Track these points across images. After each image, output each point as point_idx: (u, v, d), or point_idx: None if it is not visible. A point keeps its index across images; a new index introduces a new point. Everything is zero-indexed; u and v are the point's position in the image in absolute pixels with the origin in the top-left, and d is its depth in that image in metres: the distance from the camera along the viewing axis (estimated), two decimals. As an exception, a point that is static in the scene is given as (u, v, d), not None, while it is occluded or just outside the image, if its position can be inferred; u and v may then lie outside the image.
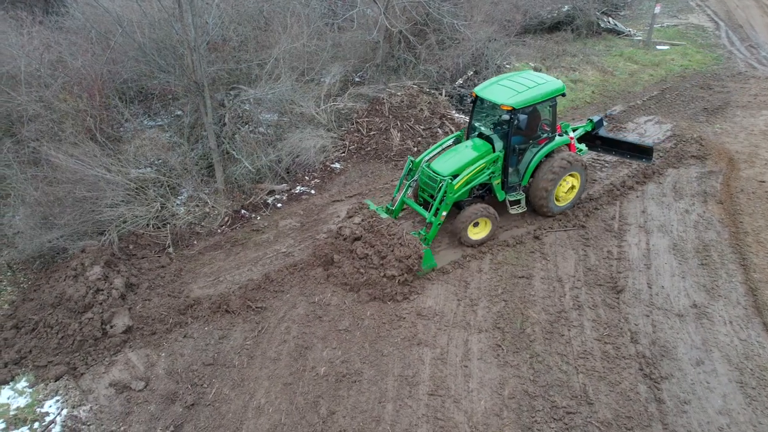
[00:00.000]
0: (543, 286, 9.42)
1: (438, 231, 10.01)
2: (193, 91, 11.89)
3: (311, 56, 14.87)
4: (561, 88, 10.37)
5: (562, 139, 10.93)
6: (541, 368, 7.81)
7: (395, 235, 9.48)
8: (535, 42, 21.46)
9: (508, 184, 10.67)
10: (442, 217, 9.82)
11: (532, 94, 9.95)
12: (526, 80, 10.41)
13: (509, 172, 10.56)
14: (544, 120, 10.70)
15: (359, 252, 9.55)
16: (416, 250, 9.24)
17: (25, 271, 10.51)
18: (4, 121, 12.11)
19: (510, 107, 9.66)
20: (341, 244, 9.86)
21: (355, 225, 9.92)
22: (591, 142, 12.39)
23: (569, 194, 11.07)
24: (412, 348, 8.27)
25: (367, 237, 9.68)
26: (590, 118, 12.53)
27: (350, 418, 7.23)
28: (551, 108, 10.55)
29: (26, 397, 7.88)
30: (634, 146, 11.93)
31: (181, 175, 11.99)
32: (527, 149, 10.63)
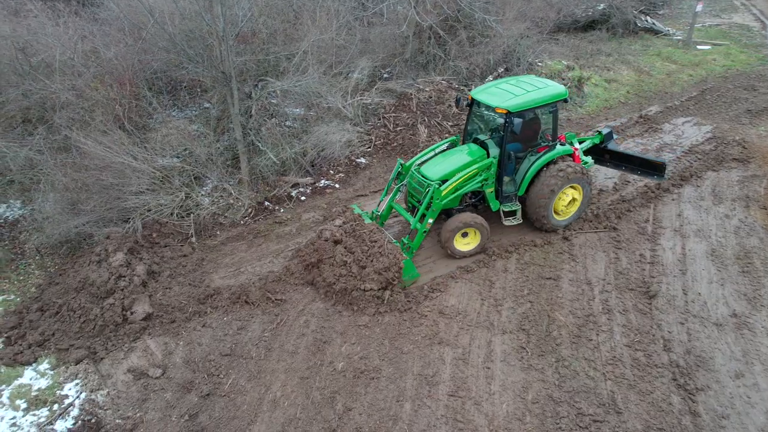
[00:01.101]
0: (571, 289, 9.06)
1: (424, 239, 9.46)
2: (220, 82, 11.91)
3: (339, 50, 14.74)
4: (562, 94, 9.73)
5: (564, 148, 10.15)
6: (567, 373, 7.48)
7: (376, 242, 8.94)
8: (568, 41, 20.96)
9: (503, 194, 10.02)
10: (428, 224, 9.23)
11: (529, 98, 9.37)
12: (526, 84, 9.85)
13: (504, 180, 9.92)
14: (544, 127, 10.04)
15: (338, 259, 9.03)
16: (396, 261, 8.70)
17: (53, 255, 10.68)
18: (38, 109, 12.32)
19: (504, 110, 9.10)
20: (323, 246, 9.35)
21: (335, 227, 9.46)
22: (599, 155, 11.70)
23: (570, 208, 10.39)
24: (432, 347, 8.03)
25: (348, 242, 9.16)
26: (599, 129, 11.84)
27: (367, 416, 7.04)
28: (552, 114, 9.86)
29: (47, 378, 7.94)
30: (646, 162, 11.04)
31: (207, 166, 12.01)
32: (525, 157, 9.99)
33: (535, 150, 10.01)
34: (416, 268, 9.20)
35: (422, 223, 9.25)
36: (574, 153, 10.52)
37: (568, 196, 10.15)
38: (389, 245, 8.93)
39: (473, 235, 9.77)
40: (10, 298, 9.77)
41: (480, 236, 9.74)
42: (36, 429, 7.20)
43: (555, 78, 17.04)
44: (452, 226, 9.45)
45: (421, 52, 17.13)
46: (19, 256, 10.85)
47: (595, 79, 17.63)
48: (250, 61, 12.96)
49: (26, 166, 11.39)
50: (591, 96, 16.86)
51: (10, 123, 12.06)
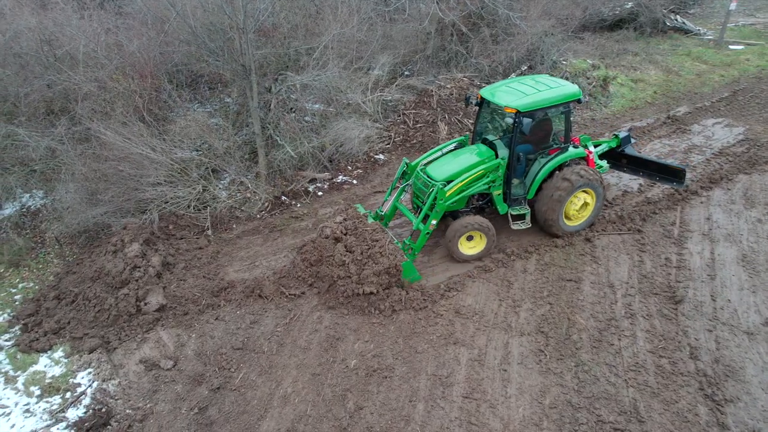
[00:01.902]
0: (592, 291, 8.76)
1: (427, 241, 9.19)
2: (240, 75, 11.88)
3: (360, 45, 14.61)
4: (575, 94, 9.26)
5: (577, 151, 9.74)
6: (587, 378, 7.20)
7: (378, 242, 8.69)
8: (593, 39, 20.47)
9: (512, 197, 9.65)
10: (431, 225, 8.94)
11: (540, 97, 8.98)
12: (538, 83, 9.45)
13: (513, 183, 9.56)
14: (556, 128, 9.65)
15: (337, 258, 8.71)
16: (395, 263, 8.45)
17: (71, 245, 10.77)
18: (61, 100, 12.46)
19: (514, 110, 8.75)
20: (322, 243, 9.09)
21: (336, 224, 9.18)
22: (616, 160, 11.28)
23: (582, 213, 9.94)
24: (448, 347, 7.83)
25: (349, 240, 8.90)
26: (616, 133, 11.36)
27: (378, 415, 6.88)
28: (564, 115, 9.43)
29: (61, 366, 7.97)
30: (664, 167, 10.52)
31: (224, 159, 11.99)
32: (536, 159, 9.60)
33: (546, 152, 9.63)
34: (417, 271, 8.93)
35: (425, 224, 8.99)
36: (588, 156, 10.12)
37: (579, 200, 9.69)
38: (390, 246, 8.68)
39: (479, 238, 9.43)
40: (29, 286, 9.87)
41: (486, 240, 9.41)
42: (48, 416, 7.21)
43: (579, 77, 16.69)
44: (457, 228, 9.15)
45: (442, 49, 16.90)
46: (39, 245, 10.97)
47: (621, 78, 17.19)
48: (271, 54, 12.90)
49: (48, 156, 11.52)
50: (616, 96, 16.44)
51: (33, 113, 12.20)
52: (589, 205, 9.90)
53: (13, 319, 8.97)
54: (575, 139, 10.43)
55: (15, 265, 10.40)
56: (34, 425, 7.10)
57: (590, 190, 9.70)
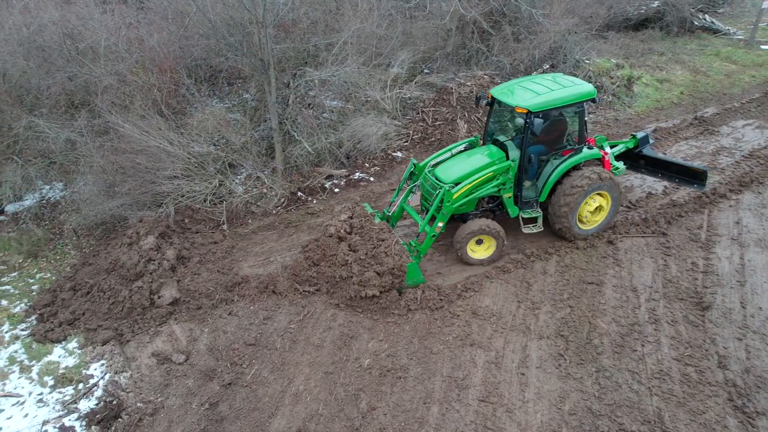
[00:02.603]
0: (615, 295, 8.48)
1: (432, 243, 8.95)
2: (258, 70, 11.81)
3: (380, 41, 14.47)
4: (589, 93, 8.91)
5: (592, 152, 9.40)
6: (608, 385, 6.94)
7: (384, 241, 8.46)
8: (617, 39, 20.02)
9: (523, 199, 9.34)
10: (437, 228, 8.69)
11: (553, 97, 8.64)
12: (551, 82, 9.10)
13: (524, 185, 9.26)
14: (570, 129, 9.30)
15: (340, 258, 8.52)
16: (400, 264, 8.20)
17: (88, 237, 10.83)
18: (81, 92, 12.55)
19: (525, 110, 8.44)
20: (326, 242, 8.90)
21: (340, 222, 8.97)
22: (634, 161, 10.88)
23: (597, 216, 9.60)
24: (464, 348, 7.63)
25: (353, 239, 8.69)
26: (633, 133, 10.94)
27: (391, 416, 6.71)
28: (578, 115, 9.07)
29: (75, 357, 7.96)
30: (685, 169, 10.09)
31: (241, 154, 11.94)
32: (548, 161, 9.26)
33: (559, 153, 9.27)
34: (422, 274, 8.64)
35: (431, 227, 8.74)
36: (603, 158, 9.75)
37: (593, 203, 9.35)
38: (396, 246, 8.46)
39: (489, 242, 9.16)
40: (46, 276, 9.93)
41: (495, 244, 9.14)
42: (61, 406, 7.20)
43: (603, 76, 16.32)
44: (466, 232, 8.87)
45: (463, 46, 16.67)
46: (58, 236, 11.06)
47: (645, 78, 16.75)
48: (290, 49, 12.83)
49: (68, 149, 11.59)
50: (641, 96, 16.03)
51: (54, 105, 12.31)
52: (603, 209, 9.56)
53: (30, 309, 9.01)
54: (591, 140, 10.08)
55: (33, 256, 10.48)
56: (46, 415, 7.08)
57: (605, 193, 9.35)
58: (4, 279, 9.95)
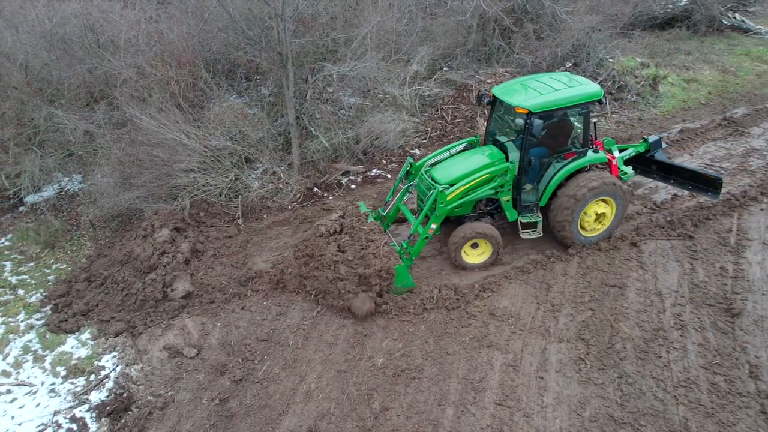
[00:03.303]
0: (638, 299, 8.18)
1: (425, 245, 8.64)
2: (277, 64, 11.72)
3: (399, 37, 14.29)
4: (595, 94, 8.46)
5: (597, 156, 8.96)
6: (631, 391, 6.67)
7: (373, 242, 8.20)
8: (642, 38, 19.53)
9: (522, 203, 8.97)
10: (430, 230, 8.39)
11: (555, 97, 8.25)
12: (555, 82, 8.71)
13: (525, 188, 8.90)
14: (575, 131, 8.89)
15: (328, 258, 8.23)
16: (388, 266, 7.92)
17: (105, 228, 10.84)
18: (101, 85, 12.60)
19: (525, 110, 8.05)
20: (317, 242, 8.63)
21: (331, 221, 8.73)
22: (646, 166, 10.41)
23: (600, 223, 9.19)
24: (481, 350, 7.41)
25: (343, 239, 8.44)
26: (645, 137, 10.41)
27: (405, 418, 6.53)
28: (583, 116, 8.63)
29: (88, 348, 7.94)
30: (698, 175, 9.55)
31: (258, 148, 11.86)
32: (550, 164, 8.87)
33: (562, 156, 8.88)
34: (411, 277, 8.32)
35: (424, 228, 8.43)
36: (610, 162, 9.35)
37: (596, 210, 8.95)
38: (386, 248, 8.19)
39: (484, 246, 8.85)
40: (62, 267, 9.95)
41: (491, 249, 8.82)
42: (72, 397, 7.16)
43: (627, 75, 15.90)
44: (460, 235, 8.57)
45: (483, 44, 16.40)
46: (75, 227, 11.10)
47: (672, 78, 16.29)
48: (308, 43, 12.70)
49: (86, 140, 11.63)
50: (666, 96, 15.57)
51: (74, 96, 12.37)
52: (607, 216, 9.12)
53: (45, 299, 9.03)
54: (598, 143, 9.63)
55: (51, 246, 10.52)
56: (57, 405, 7.05)
57: (609, 200, 8.93)
58: (21, 269, 10.00)
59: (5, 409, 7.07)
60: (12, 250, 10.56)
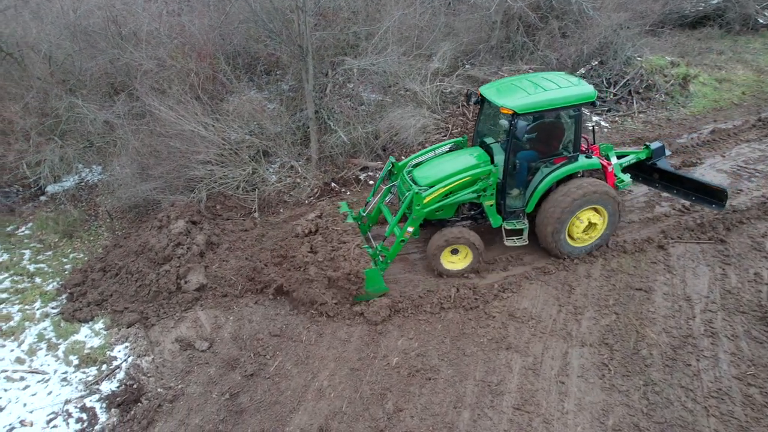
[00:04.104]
0: (665, 304, 7.83)
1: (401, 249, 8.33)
2: (297, 57, 11.59)
3: (422, 32, 14.05)
4: (588, 96, 8.02)
5: (589, 161, 8.49)
6: (658, 400, 6.34)
7: (345, 243, 7.93)
8: (672, 37, 18.98)
9: (507, 208, 8.55)
10: (406, 233, 8.06)
11: (543, 98, 7.80)
12: (547, 82, 8.22)
13: (511, 193, 8.50)
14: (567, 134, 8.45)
15: (299, 259, 7.98)
16: (357, 269, 7.65)
17: (122, 219, 10.84)
18: (122, 76, 12.63)
19: (510, 110, 7.62)
20: (291, 243, 8.36)
21: (307, 221, 8.45)
22: (647, 174, 9.94)
23: (590, 233, 8.70)
24: (499, 352, 7.15)
25: (316, 240, 8.16)
26: (647, 143, 9.84)
27: (419, 419, 6.31)
28: (574, 119, 8.16)
29: (100, 338, 7.88)
30: (702, 186, 9.11)
31: (276, 142, 11.74)
32: (539, 168, 8.41)
33: (552, 161, 8.42)
34: (384, 281, 8.03)
35: (401, 230, 8.11)
36: (605, 168, 8.92)
37: (585, 219, 8.46)
38: (357, 251, 7.90)
39: (465, 252, 8.46)
40: (79, 257, 9.96)
41: (471, 255, 8.44)
42: (83, 386, 7.10)
43: (656, 74, 15.41)
44: (439, 240, 8.21)
45: (507, 40, 16.06)
46: (93, 218, 11.13)
47: (703, 77, 15.75)
48: (329, 36, 12.56)
49: (106, 131, 11.66)
50: (697, 96, 15.05)
51: (95, 86, 12.43)
52: (597, 226, 8.64)
53: (61, 288, 9.03)
54: (594, 148, 9.20)
55: (69, 236, 10.55)
56: (69, 394, 7.00)
57: (600, 208, 8.46)
58: (40, 257, 10.04)
59: (18, 396, 7.05)
60: (32, 238, 10.63)
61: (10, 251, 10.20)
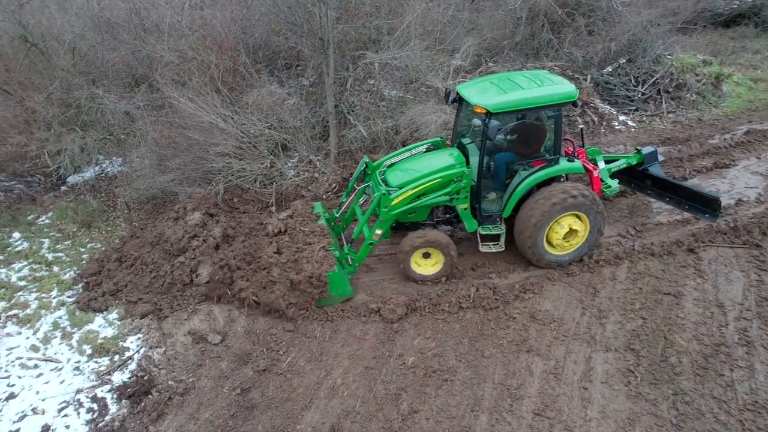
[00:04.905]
0: (696, 309, 7.46)
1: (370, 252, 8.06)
2: (318, 50, 11.45)
3: (445, 27, 13.80)
4: (568, 95, 7.50)
5: (571, 165, 8.01)
6: (688, 411, 6.01)
7: (311, 245, 7.64)
8: (704, 35, 18.38)
9: (483, 213, 8.14)
10: (375, 236, 7.78)
11: (519, 96, 7.35)
12: (526, 80, 7.77)
13: (488, 197, 8.15)
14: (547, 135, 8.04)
15: (264, 260, 7.73)
16: (319, 273, 7.39)
17: (139, 211, 10.83)
18: (144, 68, 12.65)
19: (483, 109, 7.20)
20: (259, 243, 8.10)
21: (278, 220, 8.20)
22: (639, 180, 9.51)
23: (570, 241, 8.21)
24: (519, 354, 6.88)
25: (283, 240, 7.85)
26: (638, 147, 9.45)
27: (434, 422, 6.08)
28: (553, 120, 7.72)
29: (114, 328, 7.83)
30: (695, 194, 8.72)
31: (295, 136, 11.62)
32: (517, 171, 7.99)
33: (530, 164, 7.98)
34: (350, 284, 7.80)
35: (369, 233, 7.83)
36: (591, 173, 8.50)
37: (565, 226, 7.99)
38: (321, 253, 7.61)
39: (437, 256, 8.08)
40: (96, 247, 9.96)
41: (443, 260, 8.05)
42: (95, 376, 7.04)
43: (687, 73, 14.89)
44: (408, 243, 7.85)
45: (532, 37, 15.70)
46: (111, 208, 11.14)
47: (737, 77, 15.17)
48: (351, 30, 12.38)
49: (126, 122, 11.67)
50: (730, 96, 14.50)
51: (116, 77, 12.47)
52: (578, 233, 8.13)
53: (78, 277, 9.02)
54: (580, 151, 8.76)
55: (87, 226, 10.58)
56: (81, 384, 6.94)
57: (582, 215, 8.00)
58: (58, 246, 10.07)
59: (31, 384, 7.02)
60: (51, 227, 10.68)
61: (30, 240, 10.26)
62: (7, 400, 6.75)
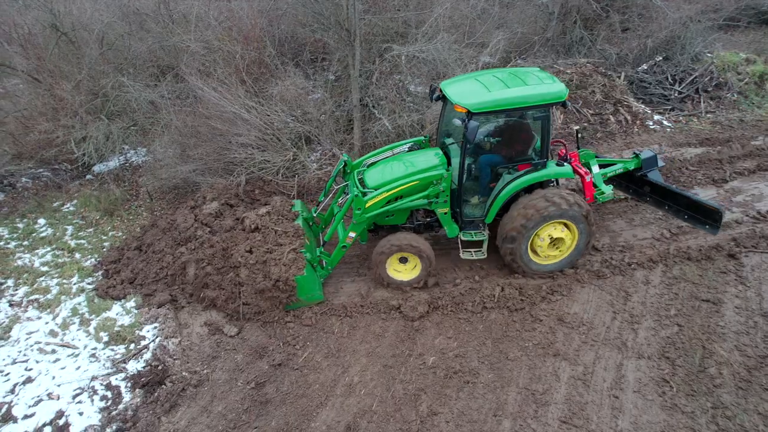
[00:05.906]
0: (737, 318, 7.00)
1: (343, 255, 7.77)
2: (344, 41, 11.25)
3: (474, 21, 13.46)
4: (556, 96, 6.96)
5: (560, 169, 7.50)
6: (729, 427, 5.60)
7: (281, 246, 7.31)
8: (747, 34, 17.61)
9: (464, 217, 7.72)
10: (348, 238, 7.49)
11: (503, 95, 6.83)
12: (513, 78, 7.24)
13: (470, 201, 7.73)
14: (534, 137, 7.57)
15: (233, 259, 7.40)
16: (287, 276, 7.07)
17: (161, 200, 10.81)
18: (170, 57, 12.66)
19: (464, 109, 6.75)
20: (237, 237, 7.77)
21: (256, 216, 7.93)
22: (638, 186, 8.96)
23: (556, 249, 7.74)
24: (546, 358, 6.54)
25: (256, 239, 7.55)
26: (637, 152, 8.90)
27: (454, 425, 5.80)
28: (540, 121, 7.20)
29: (131, 317, 7.76)
30: (695, 204, 8.14)
31: (319, 128, 11.45)
32: (502, 175, 7.54)
33: (515, 167, 7.52)
34: (321, 288, 7.52)
35: (342, 236, 7.55)
36: (583, 178, 8.02)
37: (551, 233, 7.53)
38: (291, 255, 7.27)
39: (414, 261, 7.68)
40: (118, 235, 9.96)
41: (420, 266, 7.67)
42: (110, 364, 6.96)
43: (728, 71, 14.24)
44: (383, 248, 7.47)
45: (564, 33, 15.24)
46: (134, 197, 11.16)
47: (779, 77, 14.43)
48: (378, 21, 12.16)
49: (150, 111, 11.68)
50: (775, 96, 13.80)
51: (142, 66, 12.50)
52: (565, 242, 7.64)
53: (98, 264, 9.02)
54: (573, 155, 8.27)
55: (110, 214, 10.60)
56: (96, 371, 6.87)
57: (570, 223, 7.52)
58: (81, 233, 10.10)
59: (48, 369, 6.98)
60: (75, 215, 10.73)
61: (54, 226, 10.32)
62: (24, 384, 6.72)
